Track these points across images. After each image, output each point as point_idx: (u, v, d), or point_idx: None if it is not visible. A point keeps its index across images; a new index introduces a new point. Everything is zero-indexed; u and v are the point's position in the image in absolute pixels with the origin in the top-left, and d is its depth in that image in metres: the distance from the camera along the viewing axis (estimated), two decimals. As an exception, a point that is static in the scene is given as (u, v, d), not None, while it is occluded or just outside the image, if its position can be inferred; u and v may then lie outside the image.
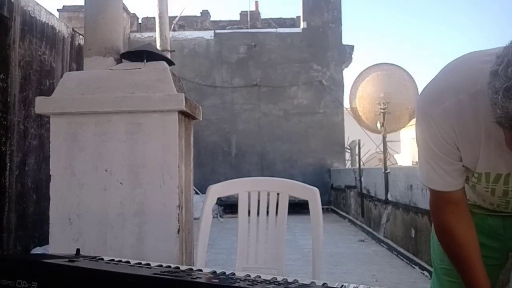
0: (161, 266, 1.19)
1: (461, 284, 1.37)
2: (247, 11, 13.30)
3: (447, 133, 1.14)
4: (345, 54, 12.18)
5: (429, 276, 4.44)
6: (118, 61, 2.46)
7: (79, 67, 6.60)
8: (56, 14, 9.49)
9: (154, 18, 7.98)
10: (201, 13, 13.45)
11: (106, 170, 2.22)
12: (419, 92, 1.25)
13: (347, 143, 12.23)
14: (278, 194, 1.96)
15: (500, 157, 1.12)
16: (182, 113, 2.30)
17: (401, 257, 5.45)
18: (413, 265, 5.00)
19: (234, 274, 1.12)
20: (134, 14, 13.08)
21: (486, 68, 0.99)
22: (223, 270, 1.16)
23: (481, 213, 1.38)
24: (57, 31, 6.75)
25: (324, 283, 1.03)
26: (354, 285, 1.03)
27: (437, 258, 1.51)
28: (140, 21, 13.31)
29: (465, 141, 1.14)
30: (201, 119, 2.67)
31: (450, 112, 1.11)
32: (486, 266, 1.40)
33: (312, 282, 1.03)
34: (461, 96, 1.09)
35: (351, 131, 11.63)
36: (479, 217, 1.38)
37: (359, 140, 9.65)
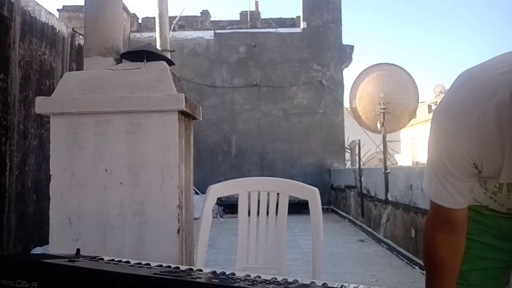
0: (161, 266, 1.19)
1: (468, 286, 1.37)
2: (247, 11, 13.30)
3: (467, 150, 1.11)
4: (345, 54, 12.18)
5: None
6: (118, 61, 2.46)
7: (79, 67, 6.60)
8: (56, 14, 9.49)
9: (154, 18, 7.98)
10: (201, 13, 13.45)
11: (106, 170, 2.22)
12: (419, 92, 1.23)
13: (347, 143, 12.23)
14: (278, 194, 1.96)
15: None
16: (182, 113, 2.30)
17: (401, 257, 5.45)
18: (413, 265, 5.00)
19: (234, 274, 1.12)
20: (134, 14, 13.08)
21: (505, 78, 0.98)
22: (223, 270, 1.16)
23: (493, 215, 1.36)
24: (57, 31, 6.75)
25: (324, 283, 1.03)
26: (354, 285, 1.03)
27: None
28: (140, 21, 13.31)
29: (488, 154, 1.11)
30: (201, 119, 2.67)
31: (472, 127, 1.07)
32: (496, 268, 1.39)
33: (312, 282, 1.03)
34: (482, 110, 1.05)
35: (351, 131, 11.63)
36: (491, 218, 1.37)
37: (359, 140, 9.65)
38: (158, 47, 6.98)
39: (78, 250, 1.32)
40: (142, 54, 2.40)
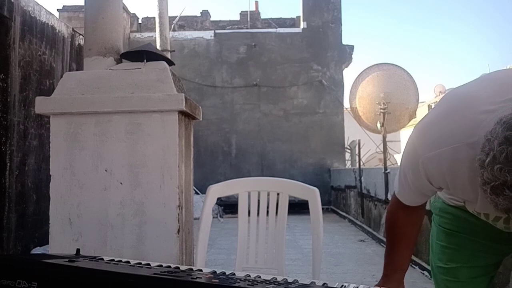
0: (161, 266, 1.19)
1: (458, 283, 1.39)
2: (247, 11, 13.30)
3: (433, 178, 1.14)
4: (345, 54, 12.18)
5: (429, 276, 4.44)
6: (118, 61, 2.45)
7: (79, 67, 6.60)
8: (56, 14, 9.49)
9: (154, 18, 7.98)
10: (201, 13, 13.45)
11: (106, 170, 2.22)
12: (419, 92, 1.25)
13: (347, 143, 12.23)
14: (278, 194, 1.96)
15: None
16: (182, 113, 2.30)
17: (401, 257, 5.44)
18: (413, 265, 5.00)
19: (234, 274, 1.11)
20: (134, 14, 13.08)
21: (486, 119, 0.97)
22: (223, 270, 1.16)
23: (485, 220, 1.37)
24: (57, 31, 6.75)
25: (324, 283, 1.03)
26: (354, 285, 1.03)
27: (435, 257, 1.51)
28: (140, 21, 13.31)
29: (459, 187, 1.13)
30: (201, 119, 2.67)
31: (444, 159, 1.08)
32: (486, 266, 1.41)
33: (312, 282, 1.03)
34: (458, 145, 1.05)
35: (351, 131, 11.63)
36: (482, 221, 1.37)
37: (359, 140, 9.65)
38: (158, 47, 6.98)
39: (78, 250, 1.32)
40: (142, 54, 2.40)
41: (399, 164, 1.33)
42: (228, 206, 9.45)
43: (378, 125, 7.56)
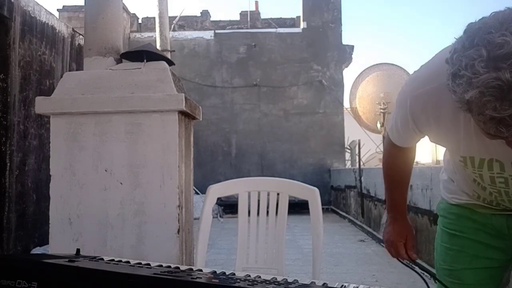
0: (161, 266, 1.19)
1: (462, 285, 1.38)
2: (247, 11, 13.30)
3: (418, 117, 1.21)
4: (345, 54, 12.18)
5: (429, 276, 4.43)
6: (118, 61, 2.46)
7: (79, 67, 6.60)
8: (56, 14, 9.48)
9: (154, 18, 7.99)
10: (201, 13, 13.46)
11: (106, 170, 2.22)
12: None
13: (347, 143, 12.23)
14: (278, 194, 1.96)
15: (481, 142, 1.14)
16: (182, 113, 2.30)
17: (401, 257, 5.44)
18: (413, 265, 4.99)
19: (234, 274, 1.11)
20: (134, 14, 13.08)
21: None
22: (223, 270, 1.16)
23: (486, 213, 1.37)
24: (57, 31, 6.75)
25: (324, 283, 1.03)
26: (354, 285, 1.03)
27: (439, 259, 1.51)
28: (140, 21, 13.31)
29: (443, 126, 1.18)
30: (201, 119, 2.67)
31: (429, 96, 1.15)
32: (491, 268, 1.39)
33: (312, 282, 1.03)
34: (442, 82, 1.10)
35: (351, 131, 11.64)
36: (484, 216, 1.37)
37: (359, 140, 9.65)
38: (158, 47, 6.99)
39: (78, 250, 1.32)
40: (142, 54, 2.40)
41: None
42: (228, 206, 9.45)
43: (378, 125, 7.58)
